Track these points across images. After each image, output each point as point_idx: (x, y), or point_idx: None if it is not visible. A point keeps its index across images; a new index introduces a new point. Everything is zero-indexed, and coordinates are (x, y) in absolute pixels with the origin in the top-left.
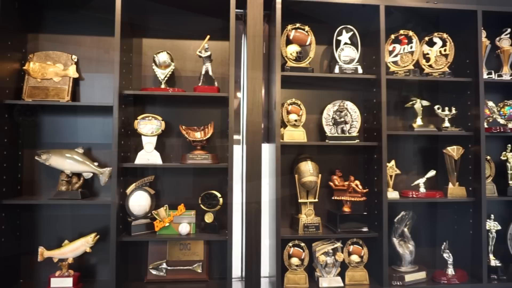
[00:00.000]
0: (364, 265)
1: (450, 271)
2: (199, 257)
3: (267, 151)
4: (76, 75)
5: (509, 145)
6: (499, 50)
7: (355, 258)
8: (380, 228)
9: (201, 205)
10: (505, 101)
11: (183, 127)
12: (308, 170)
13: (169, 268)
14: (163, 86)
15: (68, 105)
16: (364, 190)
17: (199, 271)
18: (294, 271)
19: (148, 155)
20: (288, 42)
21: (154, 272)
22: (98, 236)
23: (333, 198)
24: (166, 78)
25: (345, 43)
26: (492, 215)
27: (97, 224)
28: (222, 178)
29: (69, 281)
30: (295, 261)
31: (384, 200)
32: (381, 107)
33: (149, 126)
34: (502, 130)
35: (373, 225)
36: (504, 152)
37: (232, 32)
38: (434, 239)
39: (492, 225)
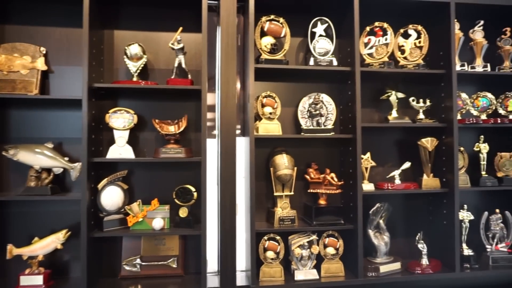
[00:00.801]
0: (340, 257)
1: (424, 261)
2: (174, 252)
3: (243, 145)
4: (45, 68)
5: (482, 136)
6: (472, 42)
7: (330, 250)
8: (355, 220)
9: (176, 200)
10: (478, 92)
11: (156, 120)
12: (283, 163)
13: (143, 263)
14: (135, 79)
15: (36, 99)
16: (339, 183)
17: (174, 266)
18: (270, 265)
19: (120, 150)
20: (263, 34)
21: (127, 267)
22: (69, 233)
23: (309, 191)
24: (138, 71)
25: (320, 35)
26: (465, 206)
27: (69, 220)
28: (197, 172)
29: (39, 279)
30: (270, 254)
31: (358, 192)
32: (355, 100)
33: (121, 120)
34: (474, 121)
35: (348, 217)
36: (477, 144)
37: (204, 24)
38: (410, 230)
39: (465, 215)
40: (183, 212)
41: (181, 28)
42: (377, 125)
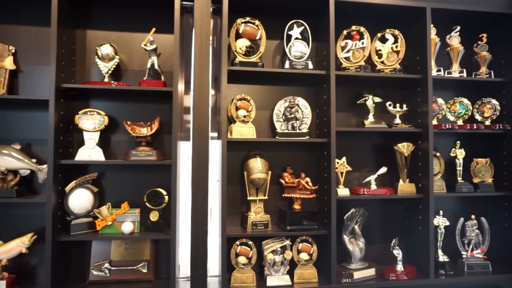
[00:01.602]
0: (314, 263)
1: (400, 267)
2: (145, 257)
3: (218, 148)
4: (13, 67)
5: (458, 142)
6: (449, 48)
7: (304, 256)
8: (330, 226)
9: (147, 203)
10: (455, 98)
11: (128, 122)
12: (256, 167)
13: (113, 268)
14: (106, 79)
15: (3, 99)
16: (314, 187)
17: (144, 271)
18: (241, 270)
19: (90, 152)
20: (238, 36)
21: (95, 272)
22: (35, 236)
23: (283, 195)
24: (110, 72)
25: (296, 38)
26: (441, 211)
27: (36, 224)
28: (169, 176)
29: (2, 284)
30: (242, 259)
31: (332, 198)
32: (330, 103)
33: (91, 122)
34: (450, 127)
35: (323, 222)
36: (453, 149)
37: (177, 25)
38: (387, 235)
39: (441, 221)
40: (154, 216)
41: (154, 29)
42: (351, 130)
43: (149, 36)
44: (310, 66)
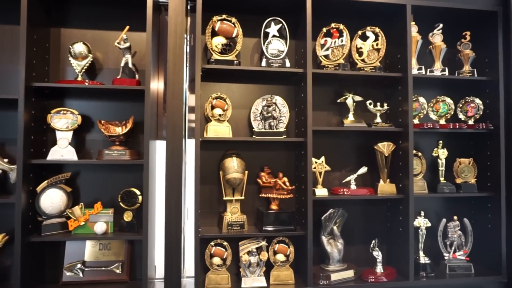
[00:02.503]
0: (292, 264)
1: (379, 269)
2: (120, 257)
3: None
4: None
5: (441, 141)
6: (431, 46)
7: (280, 257)
8: (307, 226)
9: (121, 203)
10: (438, 97)
11: (102, 121)
12: (232, 166)
13: (86, 269)
14: (79, 78)
15: None
16: (290, 187)
17: (118, 271)
18: (216, 271)
19: (62, 151)
20: (215, 34)
21: (68, 273)
22: (7, 237)
23: (260, 195)
24: (84, 70)
25: (274, 36)
26: (422, 212)
27: (8, 224)
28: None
29: None
30: (216, 260)
31: (309, 198)
32: (307, 102)
33: (63, 121)
34: (431, 126)
35: (301, 223)
36: (435, 149)
37: (149, 22)
38: (368, 236)
39: (422, 222)
40: (127, 216)
41: (127, 27)
42: (328, 129)
43: (122, 34)
44: (288, 64)
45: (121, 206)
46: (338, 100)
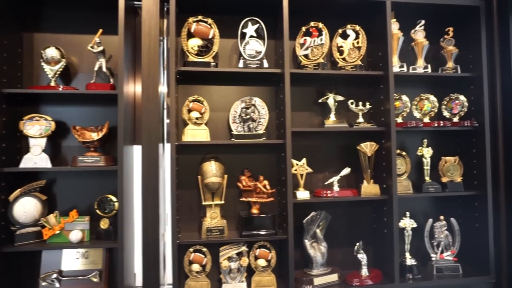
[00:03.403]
0: (274, 269)
1: (364, 271)
2: (98, 266)
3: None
4: None
5: (425, 140)
6: (413, 43)
7: (261, 262)
8: (292, 230)
9: (97, 210)
10: (421, 95)
11: (77, 127)
12: (210, 170)
13: (63, 278)
14: (53, 83)
15: None
16: (270, 191)
17: (96, 280)
18: (195, 278)
19: (36, 158)
20: (191, 35)
21: (44, 284)
22: None
23: (241, 199)
24: (56, 75)
25: (251, 36)
26: (408, 213)
27: None
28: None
29: None
30: (195, 267)
31: (289, 201)
32: (285, 102)
33: (36, 127)
34: (414, 125)
35: (283, 227)
36: (420, 148)
37: (121, 25)
38: (354, 239)
39: (408, 223)
40: (104, 224)
41: (100, 30)
42: (308, 130)
43: (95, 38)
44: (266, 64)
45: (98, 214)
46: (320, 100)
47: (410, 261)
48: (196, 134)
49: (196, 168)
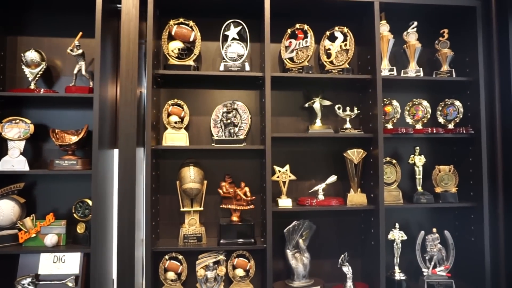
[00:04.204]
0: (253, 280)
1: (349, 285)
2: (74, 271)
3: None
4: None
5: (417, 147)
6: (405, 45)
7: (239, 272)
8: (270, 239)
9: (74, 214)
10: (414, 100)
11: (57, 130)
12: (189, 176)
13: (40, 283)
14: (32, 86)
15: None
16: (250, 198)
17: (71, 285)
18: (170, 286)
19: (13, 161)
20: (172, 38)
21: (20, 287)
22: None
23: (221, 206)
24: (37, 78)
25: (233, 39)
26: (397, 224)
27: None
28: (101, 185)
29: None
30: (170, 275)
31: (268, 208)
32: (265, 107)
33: (15, 130)
34: (404, 131)
35: (264, 236)
36: (412, 156)
37: (98, 27)
38: (341, 250)
39: (397, 235)
40: (80, 228)
41: (80, 33)
42: (289, 135)
43: (75, 41)
44: (247, 68)
45: (75, 218)
46: (306, 105)
47: (399, 275)
48: (175, 138)
49: (175, 173)
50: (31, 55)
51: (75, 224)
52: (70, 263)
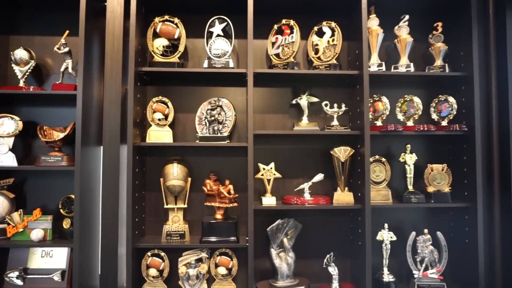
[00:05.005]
0: (235, 278)
1: (335, 286)
2: (61, 265)
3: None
4: None
5: (408, 145)
6: (396, 40)
7: (221, 270)
8: (252, 238)
9: (61, 210)
10: (405, 96)
11: (45, 127)
12: (172, 173)
13: (28, 276)
14: (21, 84)
15: None
16: (233, 196)
17: (57, 279)
18: (152, 283)
19: (2, 157)
20: (157, 35)
21: (9, 281)
22: None
23: (205, 204)
24: (26, 76)
25: (218, 35)
26: (386, 224)
27: None
28: (87, 181)
29: None
30: (152, 272)
31: (249, 206)
32: (248, 104)
33: (4, 127)
34: (393, 128)
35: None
36: (402, 154)
37: (82, 25)
38: (329, 250)
39: (386, 236)
40: (66, 223)
41: (67, 32)
42: (273, 132)
43: (62, 39)
44: (231, 64)
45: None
46: (294, 101)
47: (387, 277)
48: (159, 135)
49: (161, 170)
50: (20, 53)
51: (62, 219)
52: (58, 258)
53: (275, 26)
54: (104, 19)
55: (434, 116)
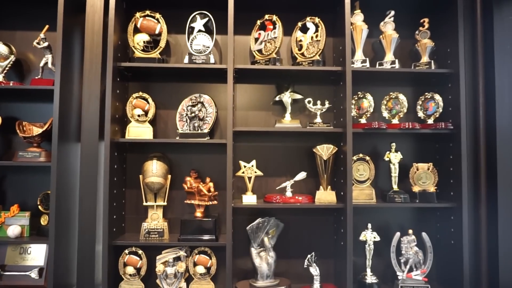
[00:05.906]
0: (214, 277)
1: (316, 286)
2: (39, 262)
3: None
4: None
5: (393, 144)
6: (381, 36)
7: (200, 269)
8: (230, 236)
9: (39, 207)
10: (390, 93)
11: (25, 123)
12: (151, 170)
13: (5, 273)
14: (1, 79)
15: None
16: (211, 194)
17: (34, 276)
18: (129, 281)
19: None
20: (137, 31)
21: None
22: None
23: (185, 201)
24: (5, 71)
25: (200, 31)
26: (369, 224)
27: None
28: (67, 178)
29: None
30: (129, 270)
31: (228, 204)
32: (227, 100)
33: None
34: (377, 126)
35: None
36: (387, 152)
37: (60, 20)
38: (311, 250)
39: (369, 236)
40: (44, 220)
41: (47, 26)
42: (253, 129)
43: (41, 34)
44: (212, 60)
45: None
46: (277, 98)
47: (370, 278)
48: (139, 132)
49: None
50: (0, 48)
51: (41, 216)
52: (36, 254)
53: (258, 22)
54: (84, 14)
55: (421, 114)
